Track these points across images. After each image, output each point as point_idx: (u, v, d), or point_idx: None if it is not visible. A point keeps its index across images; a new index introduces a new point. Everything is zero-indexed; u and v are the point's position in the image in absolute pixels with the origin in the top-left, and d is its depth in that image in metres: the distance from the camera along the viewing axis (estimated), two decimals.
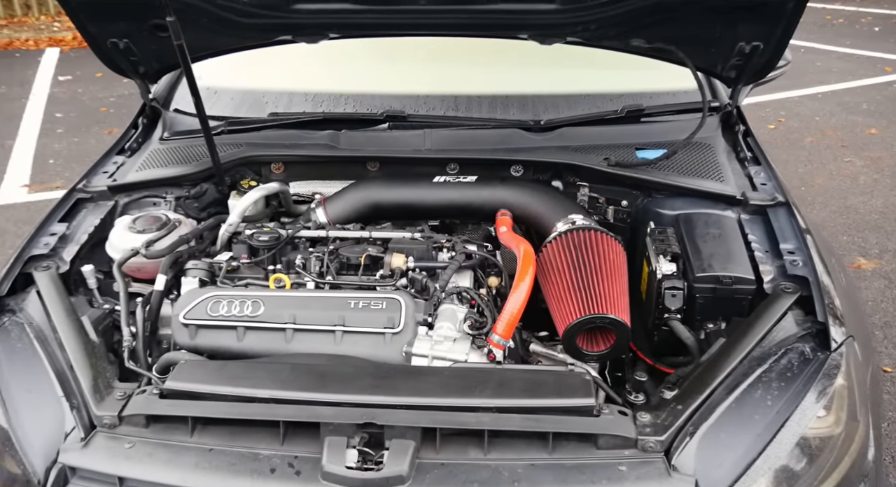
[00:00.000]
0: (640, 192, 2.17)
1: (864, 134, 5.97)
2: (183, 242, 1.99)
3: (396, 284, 1.84)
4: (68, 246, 1.99)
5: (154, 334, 1.87)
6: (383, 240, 2.03)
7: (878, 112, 6.45)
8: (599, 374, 1.80)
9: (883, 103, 6.69)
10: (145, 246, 1.92)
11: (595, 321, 1.66)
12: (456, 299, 1.84)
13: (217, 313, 1.73)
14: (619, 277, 1.77)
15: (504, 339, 1.68)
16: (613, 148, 2.23)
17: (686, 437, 1.36)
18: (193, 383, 1.49)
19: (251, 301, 1.74)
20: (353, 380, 1.49)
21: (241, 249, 2.01)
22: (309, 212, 2.23)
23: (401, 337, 1.67)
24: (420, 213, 2.24)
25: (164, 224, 2.04)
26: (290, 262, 1.95)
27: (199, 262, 1.92)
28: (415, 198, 2.18)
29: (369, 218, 2.22)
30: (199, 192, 2.27)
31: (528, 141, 2.25)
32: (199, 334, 1.74)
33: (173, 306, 1.80)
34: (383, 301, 1.72)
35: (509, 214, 2.10)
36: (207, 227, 2.12)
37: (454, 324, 1.70)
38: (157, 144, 2.43)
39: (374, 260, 1.91)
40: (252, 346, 1.72)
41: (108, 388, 1.54)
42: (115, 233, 2.03)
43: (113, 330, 1.86)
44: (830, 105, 6.66)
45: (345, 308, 1.71)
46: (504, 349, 1.69)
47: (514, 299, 1.69)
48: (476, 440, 1.39)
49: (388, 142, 2.29)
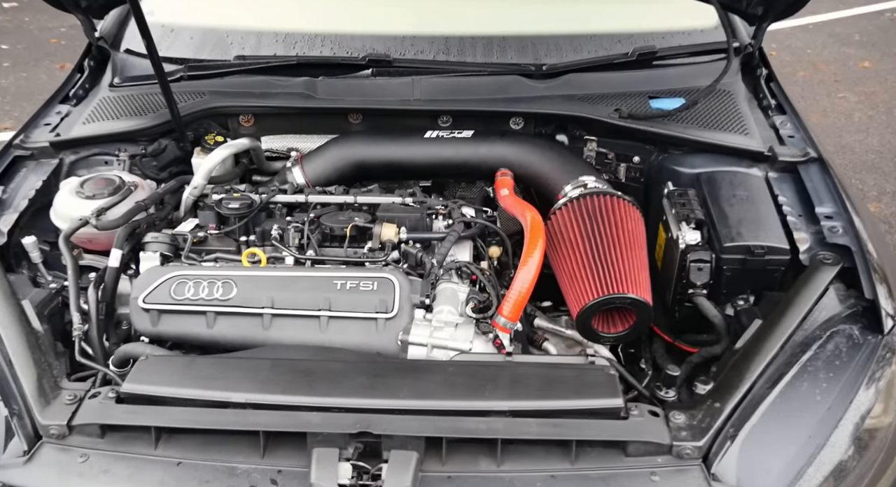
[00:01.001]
0: (654, 147, 1.95)
1: (858, 67, 5.76)
2: (140, 209, 1.73)
3: (387, 259, 1.62)
4: (5, 214, 1.73)
5: (111, 316, 1.64)
6: (370, 205, 1.80)
7: (871, 43, 6.21)
8: (611, 353, 1.63)
9: (875, 34, 6.44)
10: (96, 215, 1.66)
11: (615, 301, 1.47)
12: (455, 275, 1.63)
13: (182, 296, 1.51)
14: (638, 249, 1.57)
15: (511, 322, 1.49)
16: (624, 97, 2.00)
17: (727, 441, 1.19)
18: (156, 385, 1.28)
19: (222, 281, 1.52)
20: (344, 380, 1.29)
21: (208, 217, 1.77)
22: (284, 172, 1.99)
23: (395, 322, 1.47)
24: (410, 173, 2.00)
25: (118, 188, 1.78)
26: (264, 233, 1.71)
27: (159, 234, 1.68)
28: (404, 155, 1.94)
29: (352, 178, 1.98)
30: (157, 149, 2.00)
31: (529, 89, 2.01)
32: (163, 320, 1.52)
33: (132, 286, 1.57)
34: (374, 281, 1.50)
35: (510, 174, 1.88)
36: (168, 191, 1.87)
37: (455, 307, 1.50)
38: (107, 91, 2.13)
39: (360, 231, 1.68)
40: (224, 334, 1.50)
41: (54, 390, 1.32)
42: (61, 199, 1.77)
43: (62, 313, 1.63)
44: (822, 36, 6.40)
45: (330, 289, 1.50)
46: (510, 332, 1.51)
47: (522, 276, 1.49)
48: (487, 448, 1.21)
49: (372, 90, 2.02)
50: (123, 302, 1.70)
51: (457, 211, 1.76)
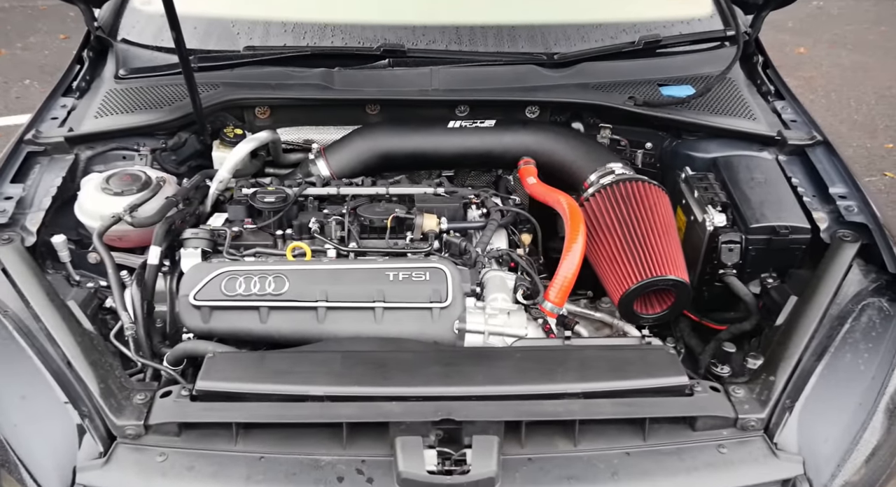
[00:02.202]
0: (666, 134, 2.03)
1: (794, 53, 5.99)
2: (171, 205, 1.71)
3: (431, 249, 1.65)
4: (30, 213, 1.68)
5: (150, 314, 1.62)
6: (402, 196, 1.82)
7: (804, 30, 6.45)
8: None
9: (806, 20, 6.68)
10: (129, 211, 1.63)
11: (657, 283, 1.54)
12: (495, 263, 1.68)
13: (234, 291, 1.50)
14: (672, 231, 1.65)
15: (558, 307, 1.54)
16: (635, 84, 2.06)
17: (785, 412, 1.28)
18: (231, 382, 1.29)
19: (273, 276, 1.52)
20: (418, 369, 1.32)
21: (238, 211, 1.76)
22: (305, 164, 1.98)
23: (450, 311, 1.50)
24: (434, 163, 2.03)
25: (146, 183, 1.75)
26: (302, 226, 1.71)
27: (198, 230, 1.66)
28: (429, 146, 1.96)
29: (376, 169, 1.99)
30: (177, 143, 1.96)
31: (544, 78, 2.05)
32: (214, 316, 1.51)
33: (178, 284, 1.55)
34: (426, 271, 1.53)
35: (533, 162, 1.92)
36: (195, 185, 1.84)
37: (506, 294, 1.54)
38: (112, 84, 2.07)
39: (399, 222, 1.70)
40: (278, 328, 1.51)
41: (122, 390, 1.31)
42: (87, 196, 1.73)
43: (100, 314, 1.60)
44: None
45: (383, 280, 1.52)
46: (556, 317, 1.56)
47: (567, 262, 1.55)
48: (563, 429, 1.27)
49: (390, 81, 2.03)
50: (159, 300, 1.68)
51: (489, 200, 1.79)
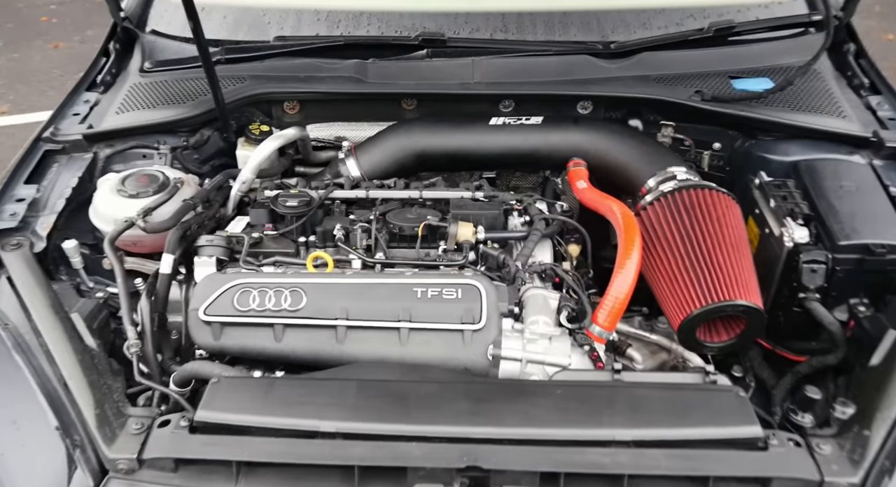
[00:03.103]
0: (738, 133, 1.80)
1: (882, 40, 5.56)
2: (189, 208, 1.59)
3: (465, 261, 1.48)
4: (41, 216, 1.58)
5: (163, 327, 1.50)
6: (436, 201, 1.65)
7: (892, 15, 6.00)
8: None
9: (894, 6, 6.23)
10: (142, 215, 1.51)
11: (725, 309, 1.33)
12: (538, 278, 1.50)
13: (247, 306, 1.37)
14: (743, 247, 1.43)
15: (607, 332, 1.35)
16: (702, 77, 1.84)
17: (884, 476, 1.06)
18: (234, 413, 1.15)
19: (289, 290, 1.38)
20: (443, 404, 1.16)
21: (260, 215, 1.62)
22: (335, 164, 1.83)
23: (483, 334, 1.33)
24: (474, 164, 1.85)
25: (163, 185, 1.63)
26: (326, 233, 1.57)
27: (214, 237, 1.53)
28: (470, 145, 1.78)
29: (411, 169, 1.83)
30: (199, 141, 1.84)
31: (598, 70, 1.85)
32: (226, 333, 1.38)
33: (190, 295, 1.42)
34: (458, 288, 1.36)
35: (584, 164, 1.73)
36: (215, 187, 1.71)
37: (549, 316, 1.36)
38: (137, 77, 1.96)
39: (432, 230, 1.54)
40: (293, 348, 1.37)
41: (118, 417, 1.19)
42: (101, 198, 1.62)
43: (109, 324, 1.49)
44: None
45: (410, 298, 1.36)
46: (605, 342, 1.37)
47: (619, 280, 1.35)
48: (609, 484, 1.08)
49: (428, 73, 1.86)
50: (173, 310, 1.57)
51: (533, 206, 1.61)
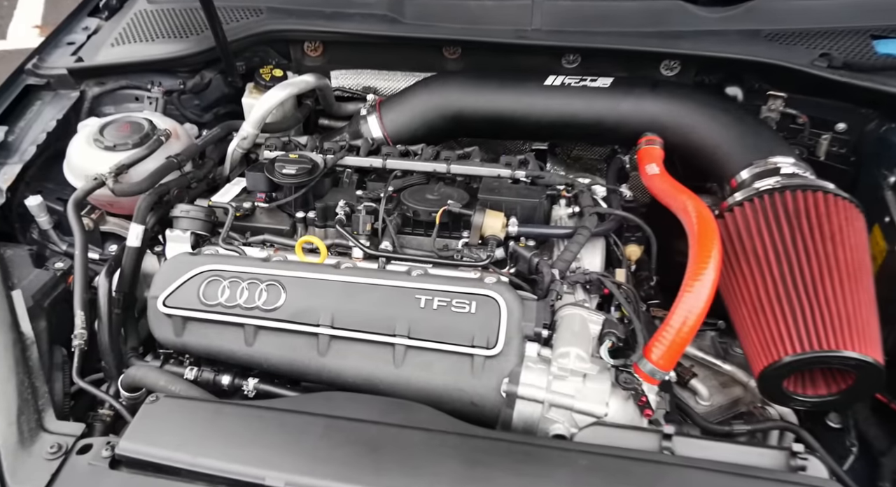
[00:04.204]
0: (873, 112, 1.39)
1: None
2: (171, 168, 1.33)
3: (489, 262, 1.17)
4: (8, 164, 1.38)
5: (130, 308, 1.27)
6: (467, 177, 1.34)
7: None
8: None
9: None
10: (114, 174, 1.27)
11: (829, 361, 0.99)
12: (580, 290, 1.18)
13: (215, 299, 1.12)
14: (864, 277, 1.07)
15: (662, 371, 1.03)
16: (832, 35, 1.43)
17: None
18: (164, 448, 0.91)
19: (266, 283, 1.12)
20: (426, 463, 0.88)
21: (258, 180, 1.36)
22: (357, 121, 1.54)
23: (499, 362, 1.04)
24: (521, 131, 1.52)
25: (146, 136, 1.38)
26: (327, 210, 1.29)
27: (191, 207, 1.28)
28: (518, 108, 1.45)
29: (444, 134, 1.52)
30: (199, 84, 1.58)
31: (693, 20, 1.47)
32: (189, 329, 1.14)
33: (151, 282, 1.18)
34: (472, 299, 1.07)
35: (659, 141, 1.37)
36: (210, 141, 1.45)
37: (585, 347, 1.05)
38: (144, 4, 1.70)
39: (454, 218, 1.24)
40: (266, 355, 1.11)
41: (34, 433, 0.97)
42: (76, 149, 1.39)
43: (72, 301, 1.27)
44: None
45: (411, 305, 1.08)
46: (658, 384, 1.06)
47: (686, 306, 1.02)
48: None
49: (478, 15, 1.53)
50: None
51: (586, 194, 1.28)
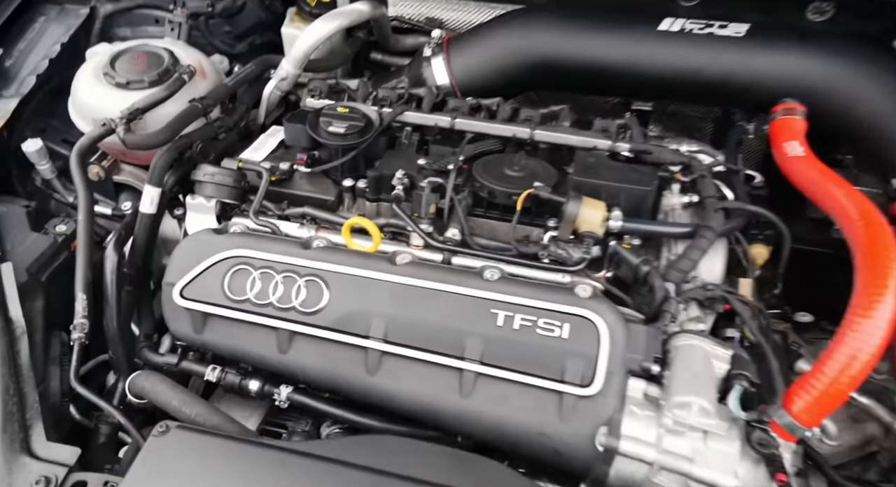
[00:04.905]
0: None
1: None
2: (195, 115, 1.09)
3: (582, 267, 0.93)
4: (2, 97, 1.18)
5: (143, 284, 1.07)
6: (555, 147, 1.08)
7: None
8: None
9: None
10: (125, 120, 1.03)
11: None
12: (694, 306, 0.94)
13: (242, 294, 0.91)
14: None
15: (805, 428, 0.81)
16: None
17: None
18: None
19: (305, 278, 0.90)
20: None
21: (297, 134, 1.12)
22: (419, 62, 1.27)
23: (595, 405, 0.82)
24: (623, 87, 1.24)
25: (166, 72, 1.13)
26: (381, 181, 1.05)
27: (217, 170, 1.04)
28: (621, 58, 1.17)
29: (523, 85, 1.25)
30: (230, 7, 1.33)
31: None
32: (210, 326, 0.94)
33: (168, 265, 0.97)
34: (565, 320, 0.84)
35: (801, 111, 1.08)
36: (243, 81, 1.20)
37: (709, 394, 0.82)
38: None
39: (537, 202, 0.99)
40: (303, 365, 0.91)
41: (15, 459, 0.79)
42: (82, 82, 1.15)
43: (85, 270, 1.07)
44: None
45: (486, 321, 0.85)
46: (797, 441, 0.83)
47: (848, 348, 0.78)
48: None
49: None
50: (171, 251, 1.14)
51: (707, 182, 1.02)
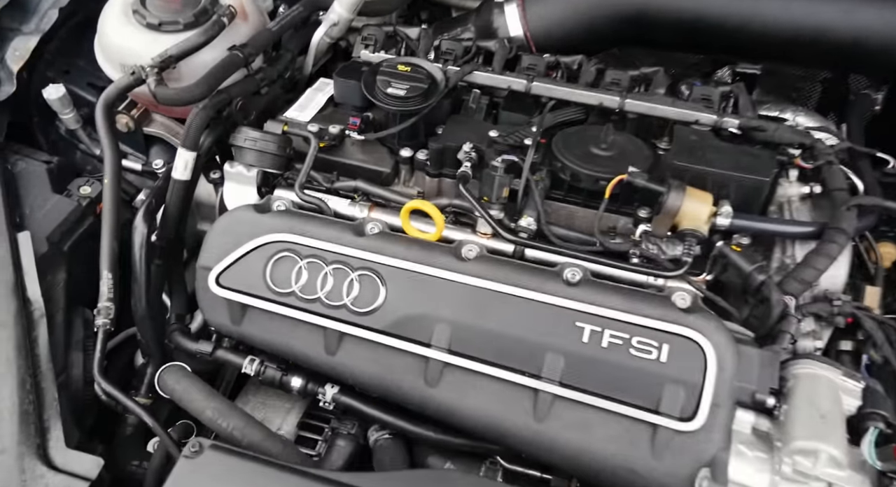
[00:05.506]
0: None
1: None
2: (235, 65, 0.95)
3: (682, 270, 0.79)
4: (22, 32, 1.04)
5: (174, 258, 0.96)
6: (646, 119, 0.92)
7: None
8: None
9: None
10: (157, 69, 0.90)
11: None
12: (812, 320, 0.80)
13: (287, 285, 0.80)
14: None
15: None
16: None
17: None
18: None
19: (359, 271, 0.78)
20: None
21: (349, 91, 0.97)
22: (488, 8, 1.10)
23: (695, 441, 0.70)
24: (730, 46, 1.06)
25: (203, 14, 0.98)
26: (444, 152, 0.90)
27: (259, 135, 0.90)
28: (734, 12, 0.99)
29: (611, 39, 1.08)
30: None
31: None
32: (250, 318, 0.83)
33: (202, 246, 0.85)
34: (663, 339, 0.71)
35: None
36: (288, 26, 1.05)
37: (838, 439, 0.69)
38: None
39: (629, 190, 0.83)
40: (353, 369, 0.80)
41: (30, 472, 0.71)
42: (108, 20, 1.01)
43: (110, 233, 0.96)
44: None
45: (569, 335, 0.73)
46: None
47: None
48: None
49: None
50: (206, 216, 1.03)
51: (835, 170, 0.86)
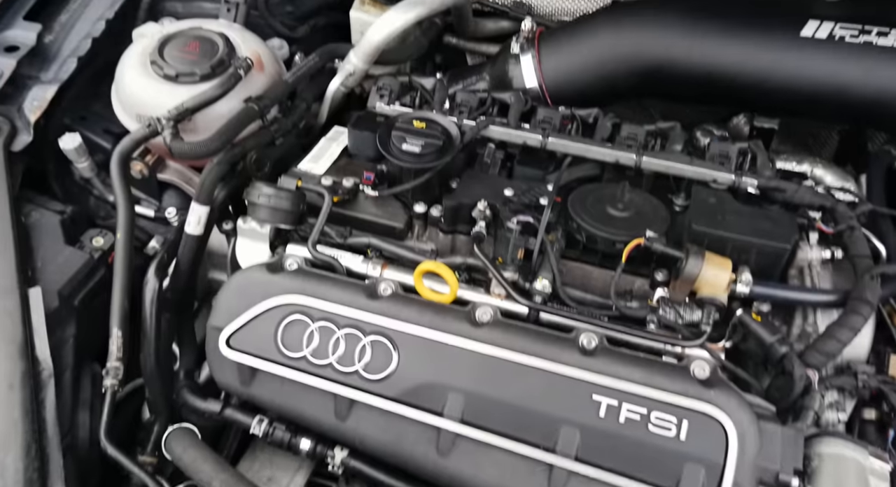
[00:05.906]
0: None
1: None
2: (250, 118, 0.95)
3: (702, 340, 0.77)
4: (41, 81, 1.03)
5: (184, 313, 0.95)
6: (666, 178, 0.91)
7: None
8: None
9: None
10: (172, 125, 0.89)
11: None
12: (834, 393, 0.78)
13: (298, 350, 0.79)
14: None
15: None
16: None
17: None
18: None
19: (371, 338, 0.77)
20: None
21: (363, 142, 0.97)
22: (504, 59, 1.09)
23: None
24: (747, 101, 1.05)
25: (220, 64, 0.98)
26: (458, 209, 0.89)
27: (273, 192, 0.89)
28: (753, 67, 0.97)
29: (626, 91, 1.07)
30: None
31: None
32: (260, 381, 0.82)
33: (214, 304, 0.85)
34: (683, 416, 0.70)
35: None
36: (305, 74, 1.05)
37: None
38: None
39: (645, 255, 0.82)
40: (363, 435, 0.79)
41: None
42: (126, 70, 1.01)
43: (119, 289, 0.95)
44: None
45: (585, 408, 0.71)
46: None
47: None
48: None
49: None
50: (218, 265, 1.03)
51: (858, 235, 0.84)
